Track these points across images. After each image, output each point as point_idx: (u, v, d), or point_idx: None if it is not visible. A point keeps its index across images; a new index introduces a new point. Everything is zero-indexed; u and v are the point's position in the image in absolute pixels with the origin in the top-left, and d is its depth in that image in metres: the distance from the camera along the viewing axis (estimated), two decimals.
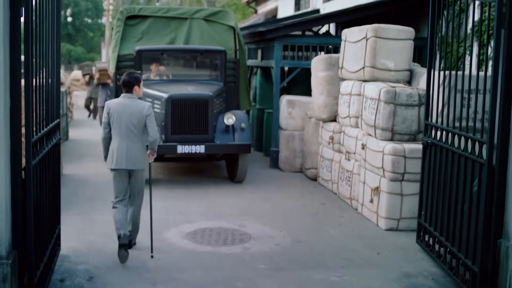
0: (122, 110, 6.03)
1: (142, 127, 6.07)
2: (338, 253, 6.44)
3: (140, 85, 6.24)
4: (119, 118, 6.02)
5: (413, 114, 7.67)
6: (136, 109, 6.04)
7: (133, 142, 6.05)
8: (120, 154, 6.02)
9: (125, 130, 6.02)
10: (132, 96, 6.15)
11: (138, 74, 6.32)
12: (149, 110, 6.08)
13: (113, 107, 6.08)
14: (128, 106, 6.05)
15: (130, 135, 6.04)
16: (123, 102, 6.11)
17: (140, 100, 6.23)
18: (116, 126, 6.04)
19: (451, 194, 5.79)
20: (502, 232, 4.99)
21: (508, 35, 4.84)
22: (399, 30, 8.43)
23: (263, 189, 9.40)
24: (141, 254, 6.16)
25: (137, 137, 6.07)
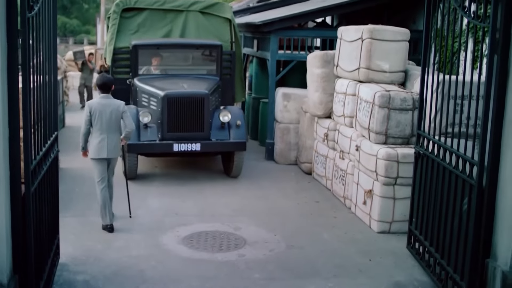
0: (102, 109, 7.12)
1: (119, 122, 7.24)
2: (331, 259, 6.59)
3: (113, 86, 7.44)
4: (100, 116, 7.10)
5: (406, 118, 7.76)
6: (113, 108, 7.17)
7: (112, 135, 7.17)
8: (102, 146, 7.13)
9: (105, 125, 7.13)
10: (109, 96, 7.30)
11: (111, 77, 7.81)
12: (124, 108, 7.28)
13: (94, 106, 7.15)
14: (107, 106, 7.16)
15: (109, 129, 7.14)
16: (102, 102, 7.21)
17: (116, 99, 7.34)
18: (97, 122, 7.11)
19: (442, 207, 5.91)
20: (490, 252, 5.13)
21: (500, 61, 4.90)
22: (394, 31, 8.46)
23: (258, 185, 9.52)
24: (138, 263, 6.29)
25: (114, 131, 7.21)
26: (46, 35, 5.10)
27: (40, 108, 5.00)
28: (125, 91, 10.43)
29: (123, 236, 7.08)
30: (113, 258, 6.39)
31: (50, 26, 5.28)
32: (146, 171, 10.03)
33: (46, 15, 5.11)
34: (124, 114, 7.22)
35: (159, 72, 10.35)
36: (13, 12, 4.27)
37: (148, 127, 9.08)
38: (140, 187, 9.17)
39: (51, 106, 5.61)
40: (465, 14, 5.43)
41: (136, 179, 9.52)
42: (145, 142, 8.97)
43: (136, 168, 9.32)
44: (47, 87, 5.34)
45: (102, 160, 7.19)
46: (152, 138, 9.08)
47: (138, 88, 9.78)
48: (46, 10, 5.09)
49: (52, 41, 5.42)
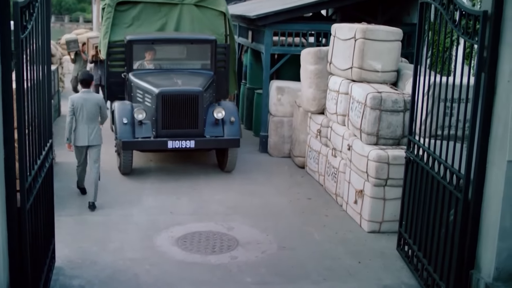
0: (83, 103, 8.08)
1: (97, 114, 8.16)
2: (322, 262, 6.74)
3: (92, 82, 8.52)
4: (81, 109, 8.05)
5: (398, 119, 7.86)
6: (93, 102, 8.14)
7: (91, 126, 8.11)
8: (83, 135, 8.09)
9: (86, 117, 8.07)
10: (89, 91, 8.31)
11: (91, 74, 8.80)
12: (102, 102, 8.30)
13: (76, 100, 8.13)
14: (88, 100, 8.12)
15: (89, 121, 8.09)
16: (83, 96, 8.20)
17: (95, 94, 8.54)
18: (79, 114, 8.06)
19: (430, 214, 6.05)
20: (474, 264, 5.28)
21: (488, 79, 4.99)
22: (387, 31, 8.51)
23: (252, 180, 9.64)
24: (133, 266, 6.44)
25: (94, 122, 8.14)
26: (39, 51, 5.16)
27: (35, 125, 5.07)
28: (120, 85, 10.49)
29: (118, 236, 7.22)
30: (108, 261, 6.53)
31: (44, 40, 5.33)
32: (142, 166, 10.14)
33: (40, 29, 5.16)
34: (101, 108, 8.21)
35: (153, 66, 10.39)
36: (6, 34, 4.33)
37: (143, 124, 9.16)
38: (136, 183, 9.29)
39: (45, 117, 5.69)
40: (455, 28, 5.50)
41: (132, 174, 9.63)
42: (139, 140, 9.06)
43: (131, 164, 9.42)
44: (41, 102, 5.41)
45: (83, 147, 8.19)
46: (147, 134, 9.17)
47: (133, 83, 9.83)
48: (39, 25, 5.14)
49: (46, 54, 5.48)
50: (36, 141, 5.11)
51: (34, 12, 4.91)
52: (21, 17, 4.39)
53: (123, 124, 9.09)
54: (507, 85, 4.85)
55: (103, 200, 8.43)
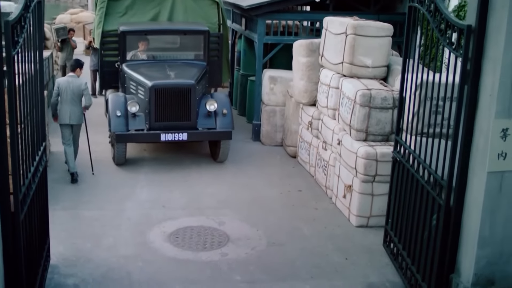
0: (67, 85, 8.92)
1: (80, 96, 8.96)
2: (309, 259, 6.93)
3: (81, 69, 9.14)
4: (65, 91, 8.89)
5: (387, 116, 7.99)
6: (76, 85, 8.93)
7: (74, 107, 8.93)
8: (65, 114, 8.91)
9: (69, 98, 8.90)
10: (74, 76, 9.06)
11: (80, 61, 9.33)
12: (85, 86, 9.02)
13: (61, 83, 9.01)
14: (72, 83, 8.94)
15: (72, 102, 8.91)
16: (68, 80, 9.03)
17: (79, 78, 9.06)
18: (63, 96, 8.90)
19: (414, 216, 6.22)
20: (454, 268, 5.47)
21: (470, 92, 5.11)
22: (378, 27, 8.59)
23: (244, 171, 9.80)
24: (126, 263, 6.62)
25: (76, 103, 8.95)
26: (32, 64, 5.25)
27: (28, 136, 5.18)
28: (114, 74, 10.58)
29: (111, 232, 7.38)
30: (102, 258, 6.71)
31: (36, 52, 5.42)
32: (136, 156, 10.27)
33: (32, 42, 5.24)
34: (84, 92, 8.99)
35: (146, 57, 10.46)
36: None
37: (136, 116, 9.27)
38: (130, 174, 9.44)
39: (38, 123, 5.80)
40: (441, 37, 5.59)
41: (126, 164, 9.77)
42: (133, 133, 9.18)
43: (124, 155, 9.56)
44: (34, 105, 5.51)
45: (67, 125, 9.01)
46: (140, 126, 9.29)
47: (126, 75, 9.91)
48: (31, 38, 5.22)
49: (39, 67, 5.56)
50: (29, 149, 5.22)
51: (25, 24, 4.98)
52: (12, 34, 4.47)
53: (116, 116, 9.20)
54: (489, 99, 4.98)
55: (98, 193, 8.60)
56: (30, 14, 5.19)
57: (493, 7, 4.94)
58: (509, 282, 5.28)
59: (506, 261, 5.26)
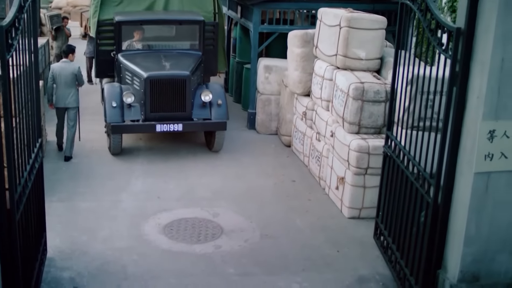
0: (61, 71, 9.37)
1: (74, 80, 9.39)
2: (302, 251, 7.06)
3: (74, 54, 9.61)
4: (59, 76, 9.35)
5: (379, 109, 8.08)
6: (70, 70, 9.38)
7: (69, 90, 9.35)
8: (61, 98, 9.38)
9: (63, 83, 9.34)
10: (67, 61, 9.49)
11: (72, 46, 9.85)
12: (78, 70, 9.45)
13: (56, 68, 9.46)
14: (65, 68, 9.40)
15: (67, 86, 9.35)
16: (62, 65, 9.47)
17: (72, 63, 9.49)
18: (58, 81, 9.36)
19: (403, 211, 6.34)
20: (441, 264, 5.61)
21: (459, 94, 5.20)
22: (372, 20, 8.63)
23: (238, 161, 9.90)
24: (121, 256, 6.74)
25: (70, 87, 9.37)
26: (26, 67, 5.31)
27: (23, 133, 5.27)
28: (110, 62, 10.63)
29: (107, 224, 7.50)
30: (98, 251, 6.83)
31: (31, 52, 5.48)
32: (131, 145, 10.36)
33: (26, 42, 5.30)
34: (78, 75, 9.44)
35: (142, 46, 10.50)
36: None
37: (132, 107, 9.35)
38: (126, 164, 9.55)
39: (34, 119, 5.87)
40: (431, 37, 5.66)
41: (122, 154, 9.87)
42: (128, 124, 9.27)
43: (120, 145, 9.65)
44: (29, 103, 5.58)
45: (62, 108, 9.47)
46: (136, 117, 9.37)
47: (122, 65, 9.96)
48: (25, 37, 5.28)
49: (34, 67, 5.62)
50: (25, 148, 5.31)
51: (20, 26, 5.04)
52: (6, 39, 4.52)
53: (112, 107, 9.27)
54: (476, 101, 5.06)
55: (94, 184, 8.71)
56: (24, 14, 5.25)
57: (482, 10, 5.00)
58: (494, 279, 5.42)
59: (491, 259, 5.39)
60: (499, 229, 5.33)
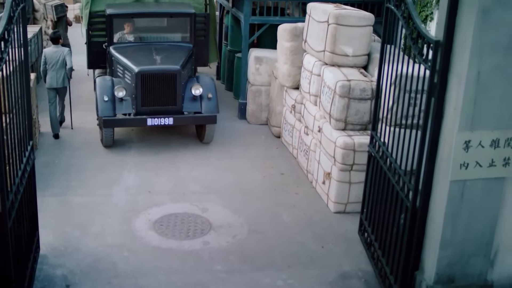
0: (52, 55, 10.21)
1: (64, 63, 10.19)
2: (288, 247, 7.29)
3: (60, 39, 10.48)
4: (51, 59, 10.17)
5: (365, 106, 8.24)
6: (61, 53, 10.21)
7: (59, 72, 10.22)
8: (52, 79, 10.23)
9: (55, 66, 10.17)
10: (58, 46, 10.32)
11: (57, 32, 10.85)
12: (68, 53, 10.27)
13: (47, 53, 10.29)
14: (56, 52, 10.23)
15: (58, 68, 10.19)
16: (53, 49, 10.29)
17: (62, 47, 10.35)
18: (50, 63, 10.19)
19: (385, 211, 6.55)
20: (419, 266, 5.84)
21: (437, 104, 5.37)
22: (359, 17, 8.74)
23: (229, 153, 10.08)
24: (112, 253, 6.96)
25: (61, 69, 10.22)
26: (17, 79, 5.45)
27: (14, 144, 5.43)
28: (102, 54, 10.74)
29: (99, 220, 7.71)
30: (90, 247, 7.04)
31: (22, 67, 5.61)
32: (123, 137, 10.51)
33: (17, 53, 5.43)
34: (67, 57, 10.21)
35: (133, 38, 10.60)
36: None
37: (123, 100, 9.49)
38: (118, 156, 9.72)
39: (24, 122, 6.03)
40: (413, 45, 5.80)
41: (114, 146, 10.04)
42: (120, 118, 9.42)
43: (112, 138, 9.81)
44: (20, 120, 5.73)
45: (53, 89, 10.31)
46: (127, 111, 9.52)
47: (113, 58, 10.08)
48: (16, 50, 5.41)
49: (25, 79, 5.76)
50: (15, 155, 5.47)
51: (10, 38, 5.17)
52: None
53: (104, 101, 9.41)
54: (453, 112, 5.23)
55: (86, 177, 8.89)
56: (14, 24, 5.38)
57: (459, 24, 5.15)
58: (468, 281, 5.66)
59: (466, 262, 5.62)
60: (474, 233, 5.55)
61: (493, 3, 4.88)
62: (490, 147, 5.30)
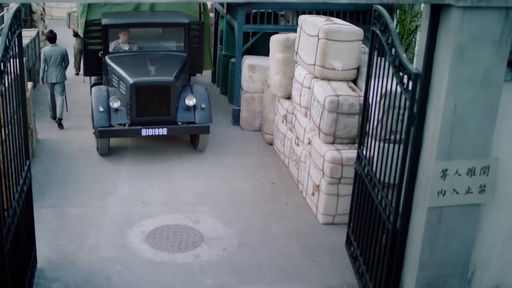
0: (52, 53, 11.15)
1: (62, 60, 11.24)
2: (276, 260, 7.55)
3: (56, 37, 11.37)
4: (50, 57, 11.12)
5: (353, 121, 8.47)
6: (59, 52, 11.21)
7: (57, 69, 11.21)
8: (52, 75, 11.25)
9: (53, 63, 11.16)
10: (56, 44, 11.26)
11: (53, 31, 11.66)
12: (65, 52, 11.31)
13: (47, 51, 11.21)
14: (55, 50, 11.17)
15: (56, 65, 11.18)
16: (52, 48, 11.22)
17: (60, 46, 11.33)
18: (49, 61, 11.14)
19: (369, 229, 6.80)
20: (399, 285, 6.10)
21: (416, 133, 5.60)
22: (349, 32, 8.94)
23: (221, 162, 10.32)
24: (107, 266, 7.22)
25: (59, 66, 11.23)
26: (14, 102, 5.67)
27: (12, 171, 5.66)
28: (98, 62, 10.95)
29: (94, 232, 7.95)
30: (84, 261, 7.30)
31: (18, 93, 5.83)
32: (119, 144, 10.73)
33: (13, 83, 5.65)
34: (64, 56, 11.27)
35: (128, 47, 10.79)
36: None
37: (118, 111, 9.71)
38: (113, 165, 9.96)
39: (21, 143, 6.26)
40: (396, 73, 6.01)
41: (109, 154, 10.27)
42: (115, 129, 9.65)
43: (108, 147, 10.05)
44: (17, 137, 5.96)
45: (52, 83, 11.39)
46: (122, 121, 9.75)
47: (109, 67, 10.29)
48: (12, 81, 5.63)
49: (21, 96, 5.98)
50: (12, 176, 5.71)
51: (5, 68, 5.38)
52: None
53: (99, 112, 9.63)
54: (431, 143, 5.47)
55: (82, 188, 9.13)
56: (10, 54, 5.59)
57: (437, 59, 5.36)
58: None
59: (444, 282, 5.88)
60: (451, 255, 5.80)
61: (468, 41, 5.09)
62: (467, 175, 5.54)
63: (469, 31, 5.07)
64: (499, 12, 5.04)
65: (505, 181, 5.75)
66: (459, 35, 5.06)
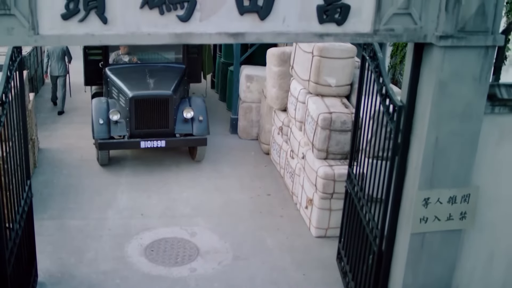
0: (54, 49, 12.70)
1: (64, 55, 12.84)
2: (269, 274, 7.81)
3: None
4: (53, 53, 12.73)
5: (346, 138, 8.70)
6: (60, 48, 12.69)
7: (59, 63, 12.84)
8: (54, 69, 12.89)
9: (56, 57, 12.78)
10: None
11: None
12: (66, 47, 12.71)
13: (50, 47, 12.68)
14: (56, 47, 12.55)
15: (58, 60, 12.83)
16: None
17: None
18: (52, 56, 12.77)
19: (358, 247, 7.06)
20: None
21: (400, 162, 5.84)
22: (342, 50, 9.16)
23: (219, 172, 10.58)
24: (105, 279, 7.50)
25: (61, 60, 12.85)
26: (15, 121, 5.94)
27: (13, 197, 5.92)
28: (98, 72, 11.19)
29: (93, 245, 8.23)
30: (84, 274, 7.58)
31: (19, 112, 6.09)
32: (118, 154, 11.00)
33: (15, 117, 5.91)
34: (66, 52, 12.85)
35: (128, 59, 11.03)
36: None
37: (118, 123, 9.97)
38: (112, 176, 10.23)
39: (23, 167, 6.52)
40: (382, 101, 6.25)
41: (109, 164, 10.54)
42: (114, 141, 9.92)
43: (108, 157, 10.33)
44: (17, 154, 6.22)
45: (54, 76, 12.98)
46: (122, 133, 10.01)
47: (109, 79, 10.54)
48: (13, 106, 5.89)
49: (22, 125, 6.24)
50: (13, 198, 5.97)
51: (6, 99, 5.63)
52: None
53: (99, 124, 9.89)
54: (414, 171, 5.71)
55: (82, 199, 9.40)
56: (11, 83, 5.84)
57: (420, 93, 5.59)
58: None
59: None
60: (433, 278, 6.05)
61: (450, 78, 5.31)
62: (448, 203, 5.78)
63: (450, 68, 5.29)
64: (479, 50, 5.26)
65: (485, 207, 5.98)
66: (440, 72, 5.29)
